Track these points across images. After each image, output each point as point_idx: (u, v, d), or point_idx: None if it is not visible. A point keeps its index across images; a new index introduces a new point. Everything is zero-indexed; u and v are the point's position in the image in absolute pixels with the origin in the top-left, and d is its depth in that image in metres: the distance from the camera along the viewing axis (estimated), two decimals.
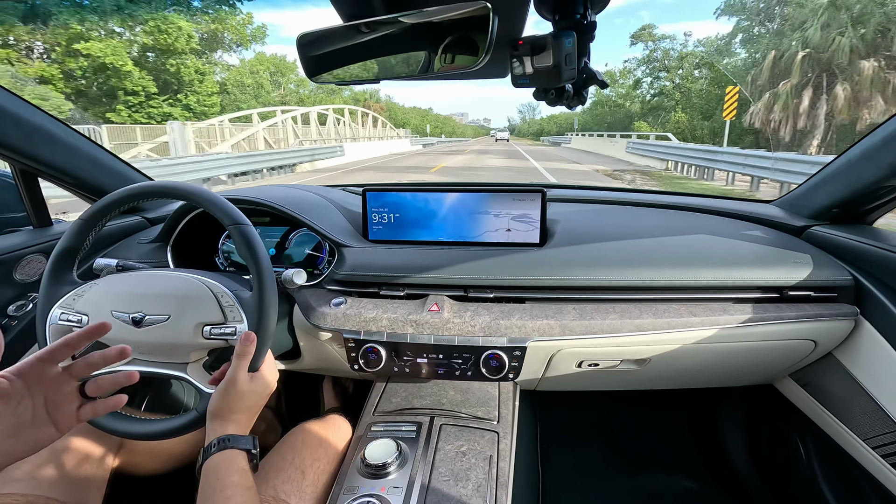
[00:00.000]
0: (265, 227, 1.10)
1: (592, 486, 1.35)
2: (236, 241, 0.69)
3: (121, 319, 0.69)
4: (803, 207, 1.09)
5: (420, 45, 0.55)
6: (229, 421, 0.65)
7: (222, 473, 0.60)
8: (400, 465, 0.78)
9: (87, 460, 0.82)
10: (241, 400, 0.65)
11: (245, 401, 0.66)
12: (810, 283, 0.89)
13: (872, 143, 0.87)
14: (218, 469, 0.60)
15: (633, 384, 1.17)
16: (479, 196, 0.97)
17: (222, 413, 0.65)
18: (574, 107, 0.62)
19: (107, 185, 1.15)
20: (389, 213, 1.01)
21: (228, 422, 0.65)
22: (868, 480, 0.91)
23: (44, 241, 1.05)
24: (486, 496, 0.73)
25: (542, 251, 0.96)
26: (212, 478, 0.60)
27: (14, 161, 0.99)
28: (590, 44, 0.56)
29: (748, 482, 1.31)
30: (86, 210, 0.74)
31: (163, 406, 1.31)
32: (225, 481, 0.59)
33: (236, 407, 0.65)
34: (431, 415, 0.92)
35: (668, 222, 1.13)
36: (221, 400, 0.65)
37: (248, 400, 0.66)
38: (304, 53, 0.59)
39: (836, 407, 0.95)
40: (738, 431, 1.39)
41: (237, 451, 0.62)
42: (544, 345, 0.87)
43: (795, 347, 0.93)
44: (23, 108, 0.95)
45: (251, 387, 0.66)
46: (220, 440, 0.62)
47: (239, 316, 0.68)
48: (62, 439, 0.81)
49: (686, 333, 0.87)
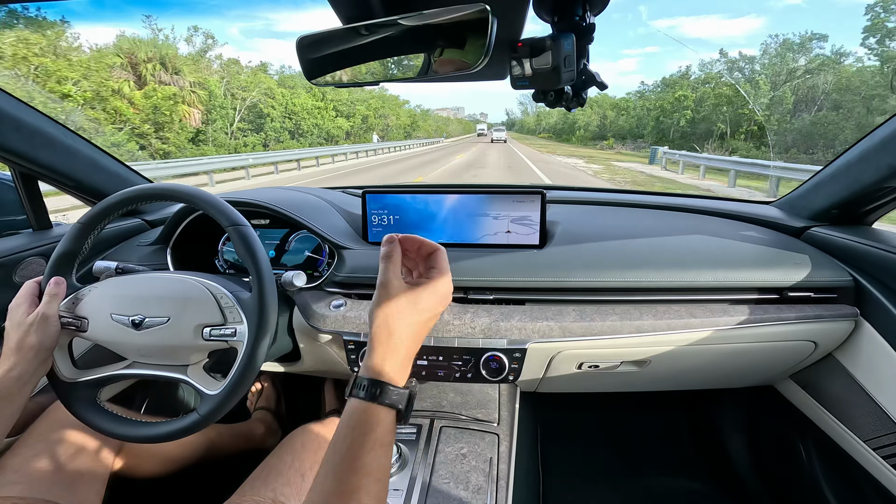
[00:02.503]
0: (264, 230, 1.10)
1: (593, 488, 1.34)
2: (235, 242, 0.69)
3: (120, 322, 0.69)
4: (803, 208, 1.10)
5: (419, 47, 0.55)
6: (388, 351, 0.49)
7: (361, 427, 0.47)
8: (400, 467, 0.78)
9: (86, 463, 0.82)
10: (401, 316, 0.50)
11: (406, 317, 0.50)
12: (810, 284, 0.89)
13: (871, 144, 0.87)
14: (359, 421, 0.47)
15: (633, 385, 1.17)
16: (478, 198, 0.97)
17: (380, 337, 0.50)
18: (573, 108, 0.62)
19: (106, 187, 1.15)
20: (389, 214, 1.01)
21: (386, 353, 0.49)
22: (869, 482, 0.90)
23: (43, 244, 1.05)
24: (486, 498, 0.73)
25: (541, 253, 0.96)
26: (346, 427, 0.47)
27: (14, 164, 0.99)
28: (589, 46, 0.56)
29: (748, 484, 1.31)
30: (84, 214, 0.74)
31: (162, 409, 1.31)
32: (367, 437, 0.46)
33: (396, 327, 0.50)
34: (431, 417, 0.92)
35: (668, 223, 1.13)
36: (378, 313, 0.51)
37: (409, 317, 0.50)
38: (303, 56, 0.59)
39: (837, 408, 0.95)
40: (739, 433, 1.39)
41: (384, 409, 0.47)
42: (544, 346, 0.87)
43: (795, 348, 0.93)
44: (23, 112, 0.95)
45: (413, 298, 0.51)
46: (372, 384, 0.48)
47: (239, 317, 0.68)
48: (62, 442, 0.81)
49: (686, 334, 0.87)
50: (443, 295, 0.53)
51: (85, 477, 0.80)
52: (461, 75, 0.54)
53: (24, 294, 0.69)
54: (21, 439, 0.81)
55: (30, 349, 0.64)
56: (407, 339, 0.50)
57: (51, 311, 0.67)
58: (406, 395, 0.49)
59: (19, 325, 0.65)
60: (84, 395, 0.71)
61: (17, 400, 0.63)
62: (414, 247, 0.56)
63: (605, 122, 52.43)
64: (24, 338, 0.65)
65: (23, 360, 0.64)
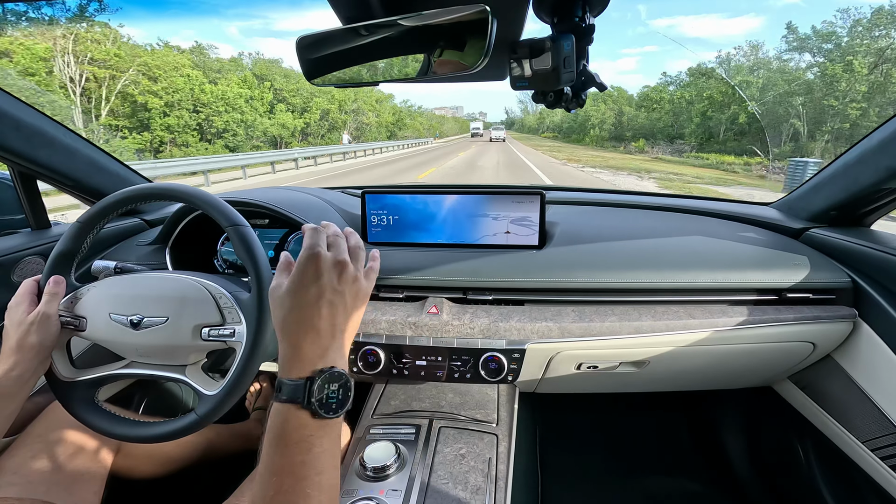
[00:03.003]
0: (264, 230, 1.10)
1: (592, 489, 1.34)
2: (234, 241, 0.69)
3: (119, 322, 0.68)
4: (801, 210, 1.10)
5: (419, 47, 0.55)
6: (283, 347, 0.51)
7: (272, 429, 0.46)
8: (399, 467, 0.78)
9: (85, 463, 0.82)
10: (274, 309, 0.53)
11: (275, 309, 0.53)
12: (808, 286, 0.89)
13: (870, 146, 0.87)
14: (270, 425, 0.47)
15: (632, 386, 1.17)
16: (478, 198, 0.97)
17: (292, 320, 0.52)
18: (573, 109, 0.62)
19: (105, 187, 1.15)
20: (388, 215, 1.01)
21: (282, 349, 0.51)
22: (867, 482, 0.91)
23: (42, 243, 1.05)
24: (484, 499, 0.73)
25: (540, 253, 0.96)
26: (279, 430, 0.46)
27: (13, 163, 0.99)
28: (588, 46, 0.56)
29: (747, 484, 1.31)
30: (83, 213, 0.74)
31: (160, 409, 1.31)
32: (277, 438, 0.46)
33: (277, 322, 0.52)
34: (430, 417, 0.92)
35: (667, 224, 1.13)
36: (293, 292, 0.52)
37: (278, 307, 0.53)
38: (303, 56, 0.59)
39: (835, 409, 0.96)
40: (737, 434, 1.39)
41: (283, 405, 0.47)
42: (543, 347, 0.87)
43: (794, 349, 0.93)
44: (23, 111, 0.95)
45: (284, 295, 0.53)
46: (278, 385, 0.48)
47: (237, 317, 0.68)
48: (60, 442, 0.80)
49: (685, 335, 0.87)
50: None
51: (83, 477, 0.80)
52: (461, 76, 0.54)
53: (23, 293, 0.69)
54: (19, 439, 0.81)
55: (30, 348, 0.64)
56: (292, 330, 0.51)
57: (51, 310, 0.67)
58: (301, 386, 0.46)
59: (19, 323, 0.65)
60: (82, 394, 0.71)
61: (17, 399, 0.63)
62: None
63: (621, 120, 43.58)
64: (24, 337, 0.64)
65: (23, 359, 0.64)
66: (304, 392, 0.46)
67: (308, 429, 0.46)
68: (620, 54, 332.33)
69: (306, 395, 0.46)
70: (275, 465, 0.44)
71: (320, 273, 0.53)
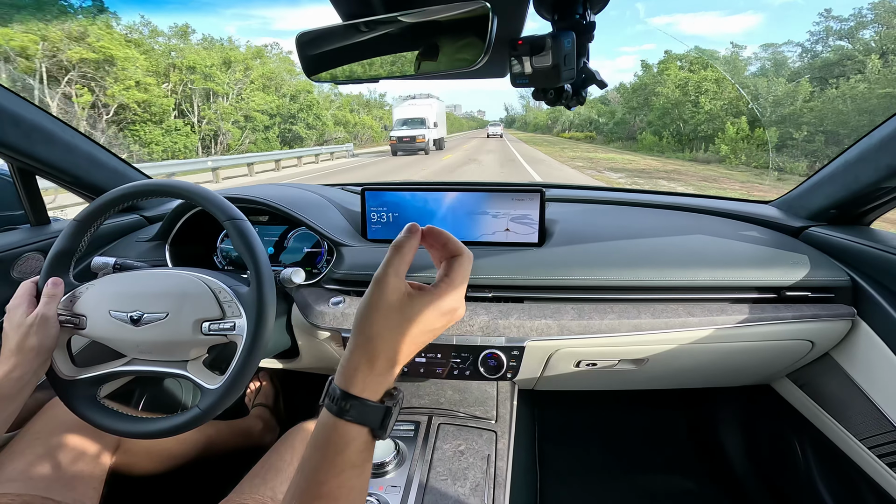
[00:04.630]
0: (263, 227, 1.10)
1: (590, 486, 1.35)
2: (232, 236, 0.69)
3: (119, 319, 0.68)
4: (801, 208, 1.10)
5: (419, 44, 0.55)
6: (363, 358, 0.41)
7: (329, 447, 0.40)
8: (398, 464, 0.78)
9: (84, 460, 0.82)
10: (386, 320, 0.41)
11: (392, 323, 0.42)
12: (807, 284, 0.89)
13: (870, 144, 0.87)
14: (326, 440, 0.40)
15: (630, 384, 1.17)
16: (477, 196, 0.97)
17: (358, 340, 0.42)
18: (573, 107, 0.62)
19: (104, 183, 1.15)
20: (388, 212, 1.01)
21: (361, 361, 0.41)
22: (865, 481, 0.91)
23: (41, 240, 1.05)
24: (483, 495, 0.73)
25: (540, 251, 0.96)
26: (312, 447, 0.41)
27: (12, 159, 0.99)
28: (589, 44, 0.56)
29: (745, 482, 1.32)
30: (81, 211, 0.74)
31: (160, 405, 1.31)
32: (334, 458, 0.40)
33: (377, 331, 0.41)
34: (430, 414, 0.92)
35: (667, 222, 1.13)
36: (363, 311, 0.42)
37: (396, 325, 0.42)
38: (303, 52, 0.58)
39: (833, 407, 0.96)
40: (736, 431, 1.39)
41: (355, 426, 0.40)
42: (542, 344, 0.88)
43: (792, 348, 0.93)
44: (22, 107, 0.94)
45: (408, 304, 0.42)
46: (343, 396, 0.40)
47: (237, 311, 0.68)
48: (60, 439, 0.81)
49: (684, 333, 0.87)
50: (445, 311, 0.43)
51: (83, 474, 0.80)
52: (461, 73, 0.54)
53: (21, 294, 0.69)
54: (19, 436, 0.81)
55: (30, 350, 0.64)
56: (388, 348, 0.41)
57: (50, 311, 0.67)
58: (382, 411, 0.41)
59: (19, 325, 0.65)
60: (84, 392, 0.71)
61: (17, 400, 0.63)
62: (439, 243, 0.47)
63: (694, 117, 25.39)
64: (24, 339, 0.64)
65: (23, 361, 0.64)
66: (380, 418, 0.41)
67: (367, 451, 0.41)
68: (619, 52, 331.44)
69: (382, 420, 0.41)
70: (325, 488, 0.39)
71: (452, 315, 0.44)
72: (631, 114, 36.43)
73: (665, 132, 28.80)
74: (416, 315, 0.42)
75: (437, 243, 0.47)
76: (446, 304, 0.43)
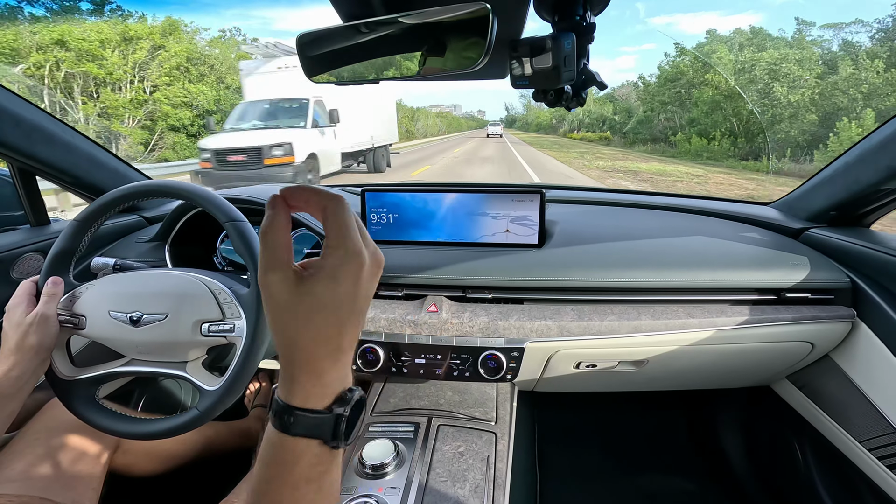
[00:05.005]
0: None
1: (590, 488, 1.35)
2: (232, 237, 0.69)
3: (118, 319, 0.68)
4: (801, 210, 1.10)
5: (419, 45, 0.55)
6: (292, 368, 0.36)
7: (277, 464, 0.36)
8: (397, 465, 0.78)
9: (83, 461, 0.82)
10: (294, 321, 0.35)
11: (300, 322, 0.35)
12: (807, 286, 0.89)
13: (870, 145, 0.87)
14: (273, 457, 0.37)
15: (630, 385, 1.17)
16: (477, 197, 0.97)
17: (281, 350, 0.37)
18: (573, 108, 0.62)
19: (105, 183, 1.15)
20: (388, 213, 1.01)
21: (292, 370, 0.36)
22: (865, 483, 0.91)
23: (41, 240, 1.05)
24: (483, 497, 0.73)
25: (540, 252, 0.96)
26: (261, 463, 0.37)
27: (12, 160, 0.99)
28: (589, 45, 0.56)
29: (745, 484, 1.31)
30: (81, 211, 0.74)
31: (159, 406, 1.31)
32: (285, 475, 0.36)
33: (291, 335, 0.35)
34: (429, 415, 0.92)
35: (667, 224, 1.13)
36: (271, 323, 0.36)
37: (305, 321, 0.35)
38: (303, 53, 0.58)
39: (833, 409, 0.96)
40: (735, 433, 1.39)
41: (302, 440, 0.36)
42: (542, 346, 0.88)
43: (792, 349, 0.93)
44: (22, 107, 0.94)
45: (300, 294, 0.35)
46: (283, 410, 0.36)
47: (237, 312, 0.68)
48: (59, 440, 0.81)
49: (684, 335, 0.87)
50: (349, 276, 0.36)
51: (82, 474, 0.80)
52: (461, 74, 0.54)
53: (21, 294, 0.69)
54: (18, 437, 0.81)
55: (29, 349, 0.64)
56: (319, 345, 0.36)
57: (49, 310, 0.67)
58: (330, 420, 0.36)
59: (18, 324, 0.65)
60: (83, 392, 0.71)
61: (16, 399, 0.63)
62: (304, 201, 0.39)
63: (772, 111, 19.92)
64: (23, 338, 0.64)
65: (22, 360, 0.64)
66: (331, 428, 0.36)
67: (324, 464, 0.37)
68: (619, 52, 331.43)
69: (333, 431, 0.36)
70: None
71: (355, 278, 0.36)
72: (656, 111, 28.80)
73: (716, 132, 21.56)
74: (322, 295, 0.35)
75: (304, 204, 0.39)
76: (348, 260, 0.36)
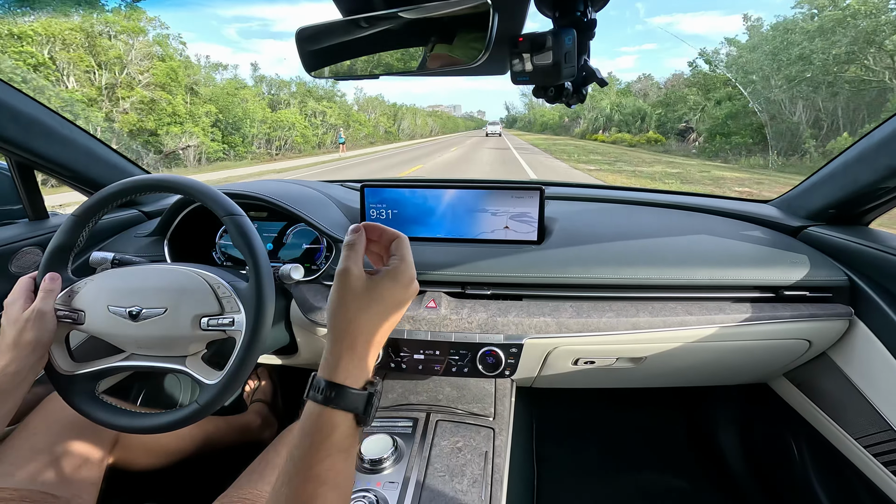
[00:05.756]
0: (262, 222, 1.10)
1: (587, 483, 1.35)
2: (231, 231, 0.68)
3: (117, 314, 0.68)
4: (800, 208, 1.10)
5: (419, 40, 0.55)
6: (343, 348, 0.46)
7: (316, 433, 0.44)
8: (396, 460, 0.78)
9: (82, 455, 0.82)
10: (359, 307, 0.46)
11: (364, 308, 0.46)
12: (806, 283, 0.89)
13: (869, 144, 0.87)
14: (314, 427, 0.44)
15: (628, 382, 1.17)
16: (477, 193, 0.97)
17: (335, 331, 0.46)
18: (573, 104, 0.61)
19: (103, 177, 1.15)
20: (387, 209, 1.01)
21: (342, 350, 0.46)
22: (860, 480, 0.91)
23: (39, 234, 1.05)
24: (481, 492, 0.73)
25: (539, 249, 0.96)
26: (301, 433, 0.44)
27: (10, 153, 0.99)
28: (589, 41, 0.56)
29: (741, 480, 1.32)
30: (79, 206, 0.74)
31: (158, 400, 1.31)
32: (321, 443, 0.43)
33: (353, 319, 0.46)
34: (428, 411, 0.93)
35: (666, 221, 1.13)
36: (334, 304, 0.47)
37: (367, 308, 0.47)
38: (302, 48, 0.58)
39: (830, 407, 0.96)
40: (733, 430, 1.40)
41: (340, 413, 0.44)
42: (541, 342, 0.88)
43: (790, 347, 0.93)
44: (20, 101, 0.94)
45: (371, 286, 0.47)
46: (328, 386, 0.44)
47: (236, 306, 0.68)
48: (58, 435, 0.81)
49: (682, 332, 0.88)
50: (403, 283, 0.49)
51: (81, 469, 0.80)
52: (461, 70, 0.53)
53: (19, 290, 0.69)
54: (17, 431, 0.81)
55: (27, 345, 0.64)
56: (366, 329, 0.46)
57: (47, 307, 0.67)
58: (364, 397, 0.45)
59: (16, 320, 0.65)
60: (82, 387, 0.71)
61: (15, 395, 0.63)
62: (375, 235, 0.53)
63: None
64: (20, 334, 0.64)
65: (20, 356, 0.64)
66: (365, 403, 0.45)
67: (353, 437, 0.45)
68: (619, 52, 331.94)
69: (366, 406, 0.45)
70: (313, 471, 0.42)
71: (409, 288, 0.50)
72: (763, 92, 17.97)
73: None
74: (381, 293, 0.47)
75: (374, 235, 0.53)
76: (405, 276, 0.49)
